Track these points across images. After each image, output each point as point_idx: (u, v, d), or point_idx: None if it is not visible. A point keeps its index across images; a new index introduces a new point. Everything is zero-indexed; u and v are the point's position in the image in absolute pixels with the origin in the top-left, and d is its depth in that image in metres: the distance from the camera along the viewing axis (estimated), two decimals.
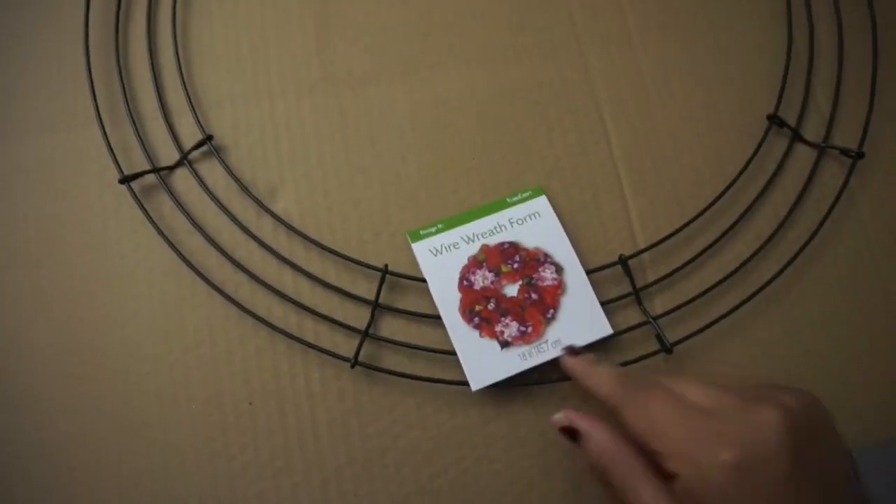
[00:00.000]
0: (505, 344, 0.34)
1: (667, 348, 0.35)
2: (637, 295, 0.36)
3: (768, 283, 0.36)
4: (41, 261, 0.37)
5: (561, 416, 0.30)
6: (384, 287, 0.35)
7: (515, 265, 0.35)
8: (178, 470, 0.33)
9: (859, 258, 0.38)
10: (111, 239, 0.37)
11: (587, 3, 0.42)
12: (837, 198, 0.38)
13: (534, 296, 0.35)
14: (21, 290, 0.36)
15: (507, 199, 0.37)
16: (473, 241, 0.36)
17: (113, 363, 0.35)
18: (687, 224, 0.37)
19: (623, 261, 0.36)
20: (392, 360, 0.35)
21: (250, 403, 0.34)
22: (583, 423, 0.29)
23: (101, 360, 0.35)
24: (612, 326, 0.35)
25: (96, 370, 0.35)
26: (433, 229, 0.36)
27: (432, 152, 0.39)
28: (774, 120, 0.39)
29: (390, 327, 0.36)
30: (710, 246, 0.37)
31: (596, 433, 0.28)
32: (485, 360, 0.33)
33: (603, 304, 0.35)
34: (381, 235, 0.37)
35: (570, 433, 0.29)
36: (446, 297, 0.35)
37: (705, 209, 0.37)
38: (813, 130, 0.40)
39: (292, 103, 0.39)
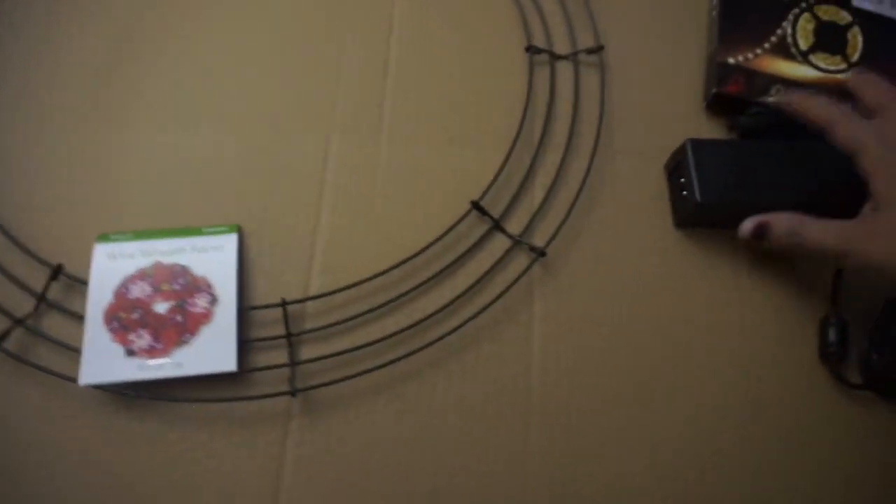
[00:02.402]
0: (130, 353, 0.36)
1: (293, 391, 0.36)
2: (289, 339, 0.38)
3: (409, 354, 0.37)
4: None
5: (749, 223, 0.38)
6: (59, 287, 0.38)
7: (177, 286, 0.38)
8: None
9: (518, 356, 0.39)
10: None
11: (350, 90, 0.45)
12: (508, 287, 0.39)
13: (179, 318, 0.37)
14: None
15: (203, 229, 0.40)
16: (151, 255, 0.38)
17: None
18: (356, 284, 0.39)
19: (283, 304, 0.38)
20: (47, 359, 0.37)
21: None
22: (765, 217, 0.37)
23: None
24: (254, 363, 0.37)
25: None
26: (122, 237, 0.39)
27: (160, 196, 0.42)
28: (477, 207, 0.41)
29: (57, 327, 0.38)
30: (373, 310, 0.39)
31: (780, 216, 0.37)
32: (103, 362, 0.35)
33: (254, 340, 0.38)
34: (81, 244, 0.39)
35: (759, 234, 0.37)
36: (100, 299, 0.37)
37: (376, 275, 0.39)
38: (517, 222, 0.42)
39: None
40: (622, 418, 0.38)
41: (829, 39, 0.47)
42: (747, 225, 0.38)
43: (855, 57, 0.47)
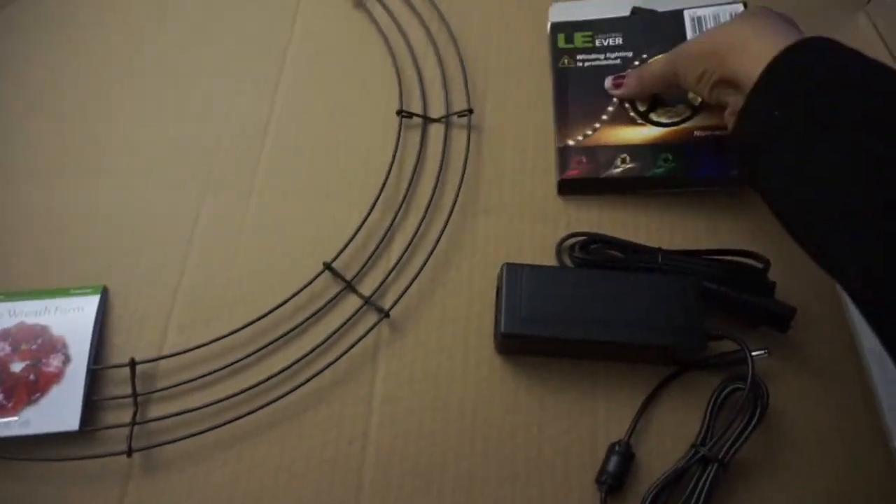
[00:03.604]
0: None
1: (129, 451, 0.37)
2: (135, 398, 0.39)
3: (246, 415, 0.38)
4: None
5: (608, 80, 0.47)
6: None
7: (35, 346, 0.40)
8: None
9: (356, 419, 0.39)
10: None
11: (229, 151, 0.48)
12: (349, 349, 0.40)
13: (32, 377, 0.39)
14: None
15: (71, 290, 0.42)
16: (17, 315, 0.41)
17: None
18: (206, 343, 0.40)
19: (132, 364, 0.40)
20: None
21: None
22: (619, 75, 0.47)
23: None
24: (103, 422, 0.39)
25: None
26: None
27: (37, 254, 0.44)
28: (329, 268, 0.42)
29: None
30: (220, 370, 0.40)
31: (630, 72, 0.46)
32: None
33: (103, 400, 0.39)
34: None
35: (617, 84, 0.46)
36: None
37: (226, 335, 0.40)
38: (372, 282, 0.43)
39: None
40: (456, 485, 0.38)
41: (669, 92, 0.45)
42: (607, 82, 0.46)
43: (698, 99, 0.45)
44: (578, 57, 0.48)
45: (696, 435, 0.38)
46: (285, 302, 0.41)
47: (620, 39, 0.47)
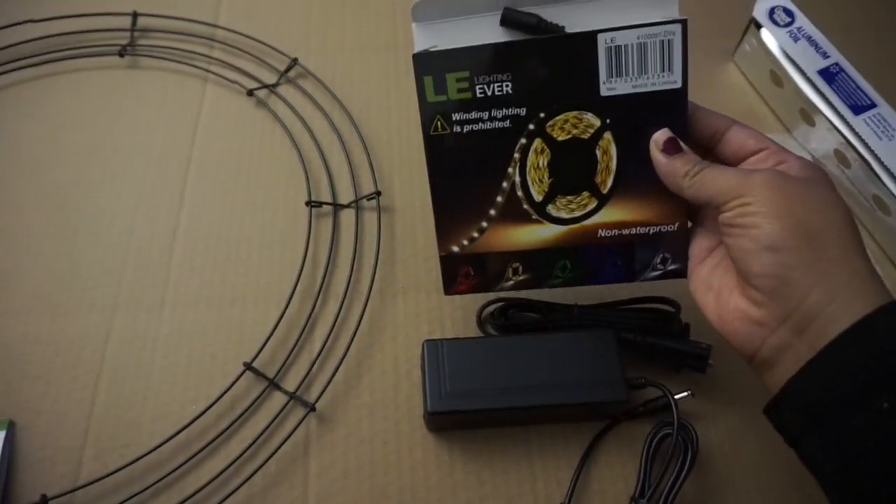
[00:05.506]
0: None
1: None
2: None
3: None
4: None
5: (664, 131, 0.34)
6: None
7: None
8: None
9: None
10: None
11: (137, 263, 0.47)
12: (277, 449, 0.39)
13: None
14: None
15: None
16: None
17: None
18: (125, 466, 0.38)
19: (44, 502, 0.37)
20: None
21: None
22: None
23: None
24: None
25: None
26: None
27: None
28: (250, 368, 0.42)
29: None
30: (143, 491, 0.38)
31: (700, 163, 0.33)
32: None
33: None
34: None
35: (673, 145, 0.34)
36: None
37: (144, 454, 0.39)
38: (296, 377, 0.42)
39: None
40: None
41: (573, 169, 0.35)
42: (661, 135, 0.34)
43: (608, 182, 0.35)
44: (455, 117, 0.34)
45: (635, 487, 0.38)
46: (206, 410, 0.40)
47: (509, 85, 0.34)
